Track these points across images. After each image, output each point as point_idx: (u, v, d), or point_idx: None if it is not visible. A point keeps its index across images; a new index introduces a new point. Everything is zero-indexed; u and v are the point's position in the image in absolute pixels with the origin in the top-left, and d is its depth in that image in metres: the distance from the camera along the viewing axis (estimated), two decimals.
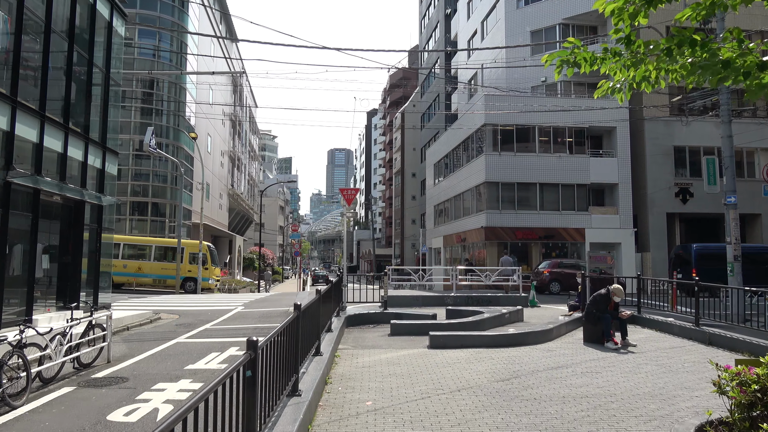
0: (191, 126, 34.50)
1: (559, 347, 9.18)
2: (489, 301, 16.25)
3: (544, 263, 23.83)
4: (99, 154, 13.42)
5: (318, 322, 7.38)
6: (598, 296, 9.49)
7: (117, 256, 26.68)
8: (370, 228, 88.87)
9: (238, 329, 12.10)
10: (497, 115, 29.31)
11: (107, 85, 13.94)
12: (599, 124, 29.80)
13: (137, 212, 31.80)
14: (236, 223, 57.69)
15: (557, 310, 15.98)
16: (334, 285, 9.92)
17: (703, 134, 30.10)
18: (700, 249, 23.55)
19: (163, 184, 32.03)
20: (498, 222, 28.75)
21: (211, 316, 14.58)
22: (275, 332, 4.43)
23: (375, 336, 10.57)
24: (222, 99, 46.05)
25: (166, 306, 17.26)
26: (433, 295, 16.60)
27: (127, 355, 9.30)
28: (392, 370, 7.43)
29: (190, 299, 20.34)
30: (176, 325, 13.07)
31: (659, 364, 7.96)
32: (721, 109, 16.90)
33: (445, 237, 36.86)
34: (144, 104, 32.14)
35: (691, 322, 10.49)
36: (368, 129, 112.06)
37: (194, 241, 27.42)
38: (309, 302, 6.40)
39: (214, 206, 42.33)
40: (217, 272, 28.40)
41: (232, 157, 51.84)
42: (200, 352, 9.46)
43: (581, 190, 29.48)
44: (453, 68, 42.25)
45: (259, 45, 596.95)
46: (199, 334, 11.63)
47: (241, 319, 13.74)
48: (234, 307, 16.38)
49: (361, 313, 12.17)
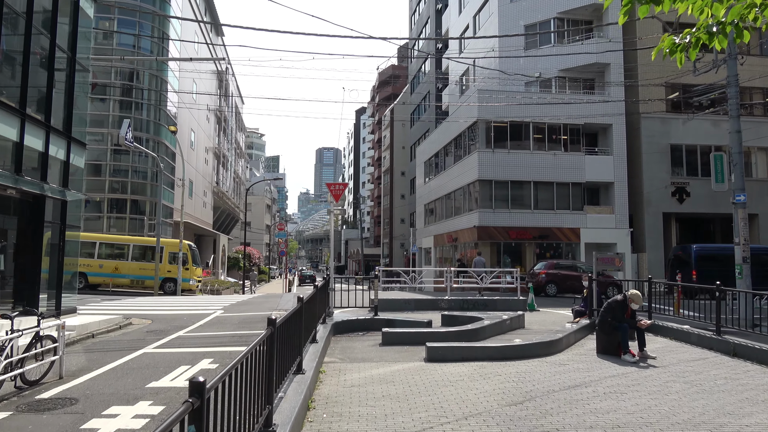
0: (173, 120, 33.22)
1: (571, 360, 8.22)
2: (485, 304, 15.31)
3: (540, 264, 22.96)
4: (63, 145, 12.25)
5: (300, 335, 6.35)
6: (613, 303, 8.54)
7: (93, 255, 25.45)
8: (359, 227, 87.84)
9: (214, 337, 11.01)
10: (491, 111, 28.41)
11: (73, 70, 12.77)
12: (595, 121, 29.03)
13: (116, 210, 30.48)
14: (222, 221, 56.32)
15: (558, 314, 15.07)
16: (320, 289, 8.88)
17: (700, 132, 29.46)
18: (700, 250, 22.82)
19: (143, 180, 30.74)
20: (491, 221, 27.85)
21: (187, 321, 13.46)
22: (238, 360, 3.40)
23: (365, 346, 9.55)
24: (207, 96, 44.72)
25: (139, 310, 16.10)
26: (426, 299, 15.61)
27: (84, 369, 8.19)
28: (386, 390, 6.41)
29: (168, 302, 19.17)
30: (147, 332, 11.95)
31: (688, 381, 7.03)
32: (729, 103, 16.09)
33: (435, 237, 35.91)
34: (123, 97, 30.81)
35: (710, 331, 9.60)
36: (357, 127, 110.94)
37: (174, 240, 26.21)
38: (287, 315, 5.36)
39: (197, 204, 41.03)
40: (199, 272, 27.20)
41: (218, 154, 50.51)
42: (168, 365, 8.38)
43: (576, 188, 28.68)
44: (447, 57, 41.29)
45: (242, 30, 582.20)
46: (170, 342, 10.53)
47: (219, 325, 12.64)
48: (212, 312, 15.26)
49: (349, 319, 11.14)
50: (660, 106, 29.32)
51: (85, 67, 13.59)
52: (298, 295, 6.44)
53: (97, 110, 30.30)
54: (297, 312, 5.94)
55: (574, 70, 30.40)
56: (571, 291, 22.11)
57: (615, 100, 28.59)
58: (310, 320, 7.77)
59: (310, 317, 7.79)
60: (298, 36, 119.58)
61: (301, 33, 11.77)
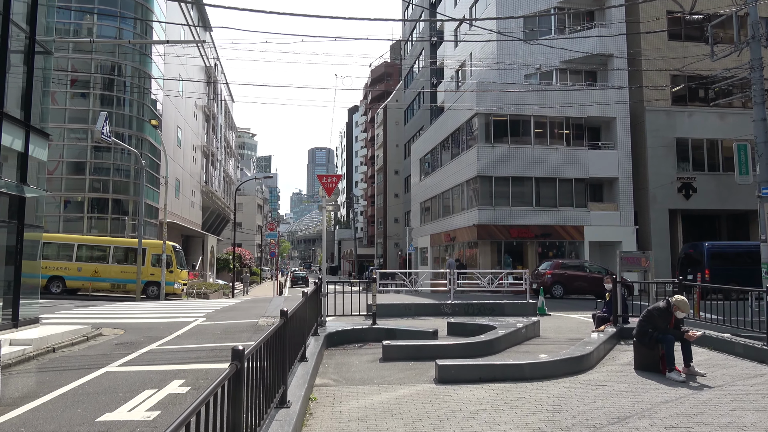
0: (158, 116, 31.78)
1: (608, 379, 6.96)
2: (492, 309, 14.07)
3: (545, 264, 21.76)
4: (20, 135, 10.86)
5: (282, 359, 5.05)
6: (655, 311, 7.30)
7: (71, 258, 24.01)
8: (352, 227, 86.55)
9: (190, 351, 9.68)
10: (490, 105, 27.20)
11: (32, 51, 11.38)
12: (598, 115, 27.89)
13: (97, 210, 29.00)
14: (212, 222, 54.83)
15: (572, 319, 13.84)
16: (309, 298, 7.58)
17: (707, 125, 28.40)
18: (713, 248, 21.68)
19: (126, 179, 29.27)
20: (491, 219, 26.62)
21: (164, 331, 12.11)
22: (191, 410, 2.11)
23: (363, 361, 8.25)
24: (195, 92, 43.28)
25: (114, 317, 14.71)
26: (427, 303, 14.33)
27: (28, 396, 6.84)
28: (393, 426, 5.13)
29: (148, 308, 17.79)
30: (116, 345, 10.59)
31: (757, 407, 5.78)
32: (753, 89, 14.90)
33: (432, 236, 34.66)
34: (105, 91, 29.32)
35: (758, 340, 8.38)
36: (349, 126, 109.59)
37: (157, 241, 24.80)
38: (264, 339, 4.07)
39: (185, 204, 39.58)
40: (184, 275, 25.79)
41: (206, 153, 49.03)
42: (130, 388, 7.06)
43: (579, 184, 27.51)
44: (447, 37, 40.02)
45: (224, 11, 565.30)
46: (139, 358, 9.19)
47: (198, 336, 11.30)
48: (194, 319, 13.91)
49: (344, 329, 9.84)
50: (665, 98, 28.21)
51: (47, 49, 12.19)
52: (282, 309, 5.15)
53: (78, 105, 28.85)
54: (277, 333, 4.65)
55: (576, 61, 29.22)
56: (579, 292, 20.94)
57: (620, 87, 27.44)
58: (298, 335, 6.47)
59: (298, 332, 6.49)
60: (285, 18, 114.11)
61: (288, 14, 10.50)
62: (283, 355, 5.05)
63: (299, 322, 6.45)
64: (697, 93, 29.32)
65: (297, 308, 6.11)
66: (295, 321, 6.04)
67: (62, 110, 28.69)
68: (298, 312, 6.23)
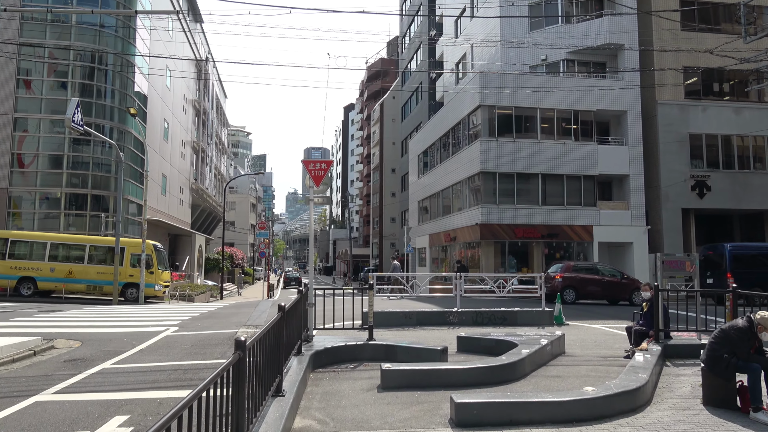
0: (143, 108, 30.06)
1: (676, 421, 5.35)
2: (504, 318, 12.49)
3: (555, 266, 20.18)
4: None
5: (237, 413, 3.42)
6: (732, 331, 5.71)
7: (43, 257, 22.28)
8: (347, 227, 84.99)
9: (148, 372, 8.03)
10: (494, 97, 25.62)
11: None
12: (608, 108, 26.35)
13: (75, 207, 27.22)
14: (202, 221, 53.06)
15: (593, 329, 12.26)
16: (288, 312, 5.94)
17: (721, 120, 26.92)
18: (735, 250, 20.17)
19: (107, 173, 27.51)
20: (495, 218, 25.04)
21: (126, 343, 10.45)
22: None
23: (357, 390, 6.62)
24: (184, 85, 41.55)
25: (76, 326, 13.01)
26: (431, 311, 12.71)
27: None
28: None
29: (119, 313, 16.10)
30: (65, 362, 8.92)
31: None
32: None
33: (431, 236, 33.05)
34: (86, 80, 27.56)
35: None
36: (345, 124, 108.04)
37: (137, 240, 23.09)
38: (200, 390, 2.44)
39: (173, 202, 37.83)
40: (166, 276, 24.07)
41: (196, 149, 47.25)
42: (56, 428, 5.42)
43: (588, 182, 25.96)
44: (447, 29, 38.51)
45: None
46: (85, 381, 7.53)
47: (164, 351, 9.65)
48: (165, 329, 12.24)
49: (335, 346, 8.20)
50: (677, 91, 26.70)
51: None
52: (239, 338, 3.52)
53: (56, 95, 27.09)
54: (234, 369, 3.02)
55: (584, 52, 27.67)
56: (592, 297, 19.39)
57: (630, 79, 25.91)
58: (269, 367, 4.83)
59: (269, 362, 4.85)
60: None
61: None
62: (238, 410, 3.42)
63: (271, 350, 4.81)
64: (712, 86, 27.83)
65: (265, 331, 4.47)
66: (264, 349, 4.41)
67: (38, 100, 26.95)
68: (268, 336, 4.59)
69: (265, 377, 4.58)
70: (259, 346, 4.14)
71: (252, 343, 3.76)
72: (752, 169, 26.94)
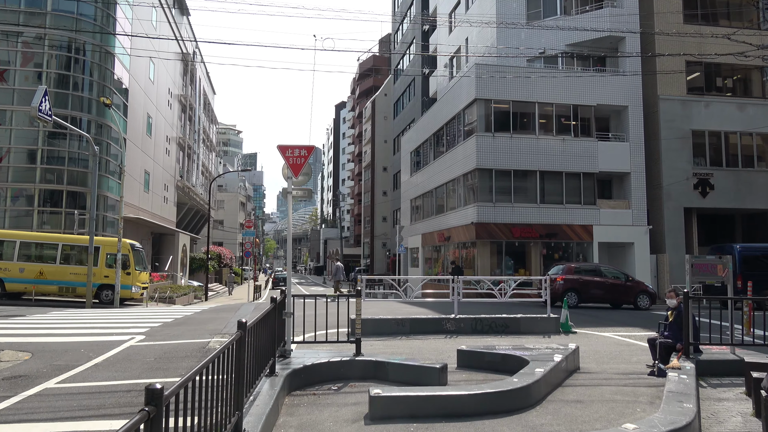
0: (124, 102, 28.72)
1: None
2: (506, 325, 11.39)
3: (556, 268, 19.12)
4: None
5: None
6: None
7: (12, 257, 20.94)
8: (338, 226, 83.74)
9: (96, 393, 6.81)
10: (490, 91, 24.55)
11: None
12: (608, 103, 25.37)
13: (50, 204, 25.85)
14: (189, 219, 51.64)
15: (605, 338, 11.18)
16: (256, 327, 4.76)
17: (724, 116, 26.02)
18: (745, 251, 19.20)
19: (84, 169, 26.13)
20: (491, 217, 23.97)
21: (83, 355, 9.23)
22: None
23: (340, 423, 5.46)
24: (170, 79, 40.18)
25: (32, 334, 11.73)
26: (426, 318, 11.56)
27: None
28: None
29: (86, 318, 14.83)
30: (3, 379, 7.68)
31: None
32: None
33: (424, 235, 31.94)
34: (62, 70, 26.20)
35: None
36: (336, 122, 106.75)
37: (113, 239, 21.79)
38: None
39: (156, 199, 36.47)
40: (144, 277, 22.77)
41: (182, 145, 45.85)
42: None
43: (588, 179, 24.96)
44: (441, 23, 37.38)
45: None
46: (19, 405, 6.31)
47: (123, 365, 8.44)
48: (130, 337, 11.01)
49: (316, 363, 7.04)
50: (680, 87, 25.76)
51: None
52: (153, 388, 2.35)
53: (30, 86, 25.68)
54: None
55: (583, 45, 26.67)
56: (595, 300, 18.36)
57: (632, 73, 24.94)
58: (218, 408, 3.66)
59: (221, 399, 3.68)
60: None
61: None
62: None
63: (219, 388, 3.63)
64: (714, 81, 26.94)
65: (205, 365, 3.29)
66: (206, 389, 3.24)
67: (11, 90, 25.55)
68: (214, 371, 3.42)
69: (211, 423, 3.42)
70: (194, 389, 2.97)
71: (173, 392, 2.59)
72: (756, 168, 26.06)
